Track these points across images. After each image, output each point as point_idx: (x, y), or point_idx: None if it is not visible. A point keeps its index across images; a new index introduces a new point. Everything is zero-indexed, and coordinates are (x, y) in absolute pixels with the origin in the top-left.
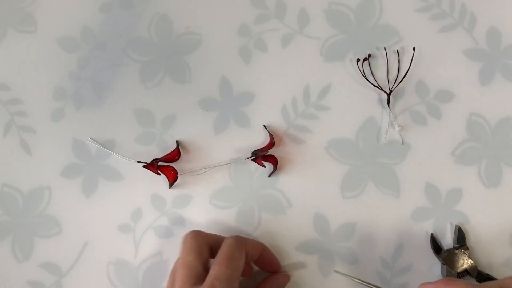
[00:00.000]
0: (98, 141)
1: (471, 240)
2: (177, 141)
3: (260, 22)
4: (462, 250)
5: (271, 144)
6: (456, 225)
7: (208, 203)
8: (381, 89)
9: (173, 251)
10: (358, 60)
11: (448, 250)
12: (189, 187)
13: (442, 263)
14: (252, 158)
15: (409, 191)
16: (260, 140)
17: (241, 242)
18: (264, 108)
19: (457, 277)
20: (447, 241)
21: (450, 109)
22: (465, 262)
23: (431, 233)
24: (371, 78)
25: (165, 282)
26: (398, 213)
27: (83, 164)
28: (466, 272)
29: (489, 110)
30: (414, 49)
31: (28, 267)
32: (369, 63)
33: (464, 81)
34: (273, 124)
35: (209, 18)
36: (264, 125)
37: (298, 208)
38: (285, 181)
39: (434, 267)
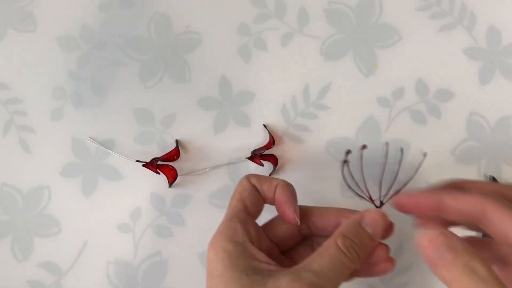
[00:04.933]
0: (98, 140)
1: None
2: (176, 140)
3: (259, 21)
4: None
5: (271, 143)
6: (490, 175)
7: (208, 203)
8: (372, 201)
9: (173, 251)
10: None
11: None
12: (188, 186)
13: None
14: (250, 157)
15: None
16: (260, 139)
17: None
18: (264, 107)
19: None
20: None
21: (450, 108)
22: None
23: None
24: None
25: (164, 282)
26: (398, 213)
27: (82, 164)
28: None
29: (489, 109)
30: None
31: (28, 266)
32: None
33: (464, 80)
34: (273, 123)
35: (209, 17)
36: (264, 125)
37: None
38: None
39: None
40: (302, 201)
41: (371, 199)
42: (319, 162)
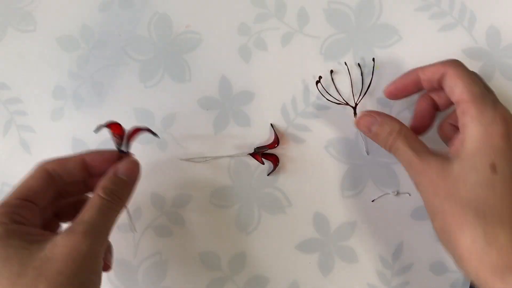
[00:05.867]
0: (98, 140)
1: None
2: (271, 124)
3: (259, 21)
4: None
5: (275, 143)
6: None
7: (208, 202)
8: (347, 103)
9: (173, 251)
10: (317, 82)
11: None
12: (188, 186)
13: None
14: (252, 153)
15: (409, 190)
16: (260, 139)
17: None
18: (264, 107)
19: None
20: None
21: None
22: None
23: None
24: (335, 95)
25: (164, 282)
26: (398, 212)
27: None
28: None
29: None
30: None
31: None
32: (332, 78)
33: None
34: (273, 123)
35: (209, 17)
36: (271, 124)
37: (298, 207)
38: (285, 180)
39: (434, 266)
40: (301, 200)
41: (347, 103)
42: (319, 162)
